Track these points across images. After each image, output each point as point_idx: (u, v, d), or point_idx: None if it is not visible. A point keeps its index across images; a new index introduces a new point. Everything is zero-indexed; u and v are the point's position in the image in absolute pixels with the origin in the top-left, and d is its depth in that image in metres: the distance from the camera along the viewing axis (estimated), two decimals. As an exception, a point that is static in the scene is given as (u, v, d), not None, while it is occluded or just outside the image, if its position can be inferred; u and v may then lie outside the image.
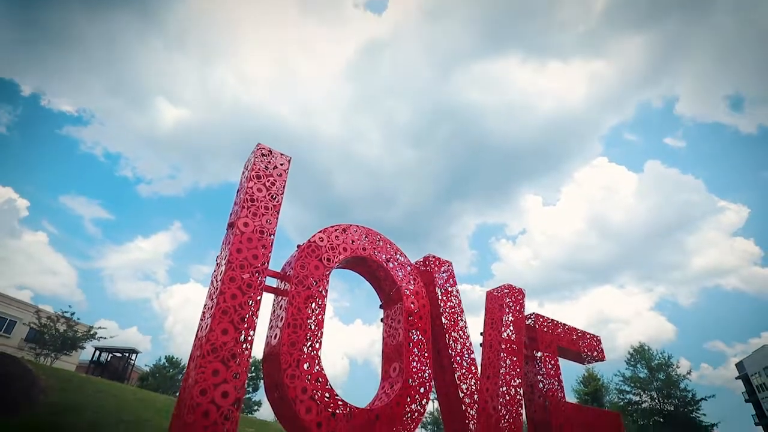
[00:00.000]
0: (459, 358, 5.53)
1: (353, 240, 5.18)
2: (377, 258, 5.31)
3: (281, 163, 4.91)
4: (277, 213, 4.59)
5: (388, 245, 5.50)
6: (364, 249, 5.23)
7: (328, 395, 4.05)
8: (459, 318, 5.88)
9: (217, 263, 4.30)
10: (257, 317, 3.93)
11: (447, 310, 5.81)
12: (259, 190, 4.56)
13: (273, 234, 4.41)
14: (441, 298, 5.84)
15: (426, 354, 5.05)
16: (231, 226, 4.40)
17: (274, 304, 4.63)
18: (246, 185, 4.55)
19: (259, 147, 4.89)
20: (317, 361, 4.10)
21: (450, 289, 6.04)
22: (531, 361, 6.67)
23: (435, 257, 6.20)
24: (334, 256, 4.86)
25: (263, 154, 4.84)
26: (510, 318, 6.43)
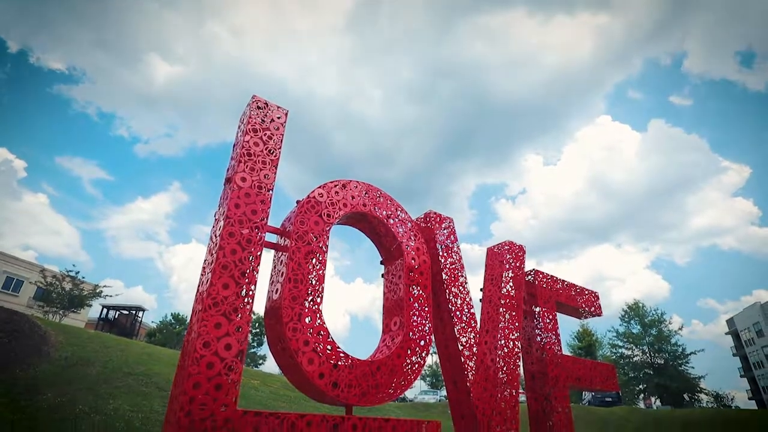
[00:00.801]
0: (459, 312, 5.59)
1: (353, 196, 5.09)
2: (377, 214, 5.24)
3: (278, 117, 4.73)
4: (275, 168, 4.46)
5: (388, 201, 5.42)
6: (364, 205, 5.15)
7: (330, 347, 4.11)
8: (459, 274, 5.89)
9: (216, 219, 4.24)
10: (257, 272, 3.91)
11: (447, 265, 5.82)
12: (256, 144, 4.41)
13: (271, 189, 4.30)
14: (441, 254, 5.82)
15: (426, 308, 5.10)
16: (228, 181, 4.29)
17: (274, 260, 4.60)
18: (242, 139, 4.39)
19: (255, 99, 4.68)
20: (319, 315, 4.13)
21: (451, 245, 6.01)
22: (530, 316, 6.78)
23: (436, 213, 6.13)
24: (333, 211, 4.79)
25: (259, 107, 4.64)
26: (510, 274, 6.46)
